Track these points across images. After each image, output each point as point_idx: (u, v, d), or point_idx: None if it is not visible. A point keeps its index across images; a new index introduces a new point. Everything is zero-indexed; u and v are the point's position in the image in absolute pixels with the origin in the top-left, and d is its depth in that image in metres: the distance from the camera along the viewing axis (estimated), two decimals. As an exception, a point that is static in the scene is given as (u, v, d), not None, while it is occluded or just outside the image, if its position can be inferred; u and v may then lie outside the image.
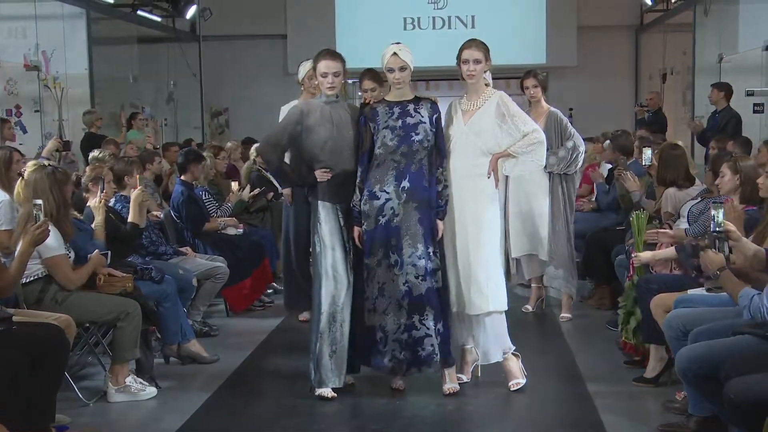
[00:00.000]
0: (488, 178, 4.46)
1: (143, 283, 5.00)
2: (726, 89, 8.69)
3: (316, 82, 4.61)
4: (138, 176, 5.72)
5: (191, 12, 13.20)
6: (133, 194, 5.43)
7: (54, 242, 4.37)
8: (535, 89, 6.10)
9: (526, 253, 6.19)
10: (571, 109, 12.54)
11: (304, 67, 5.85)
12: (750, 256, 3.80)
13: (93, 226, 5.15)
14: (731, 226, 3.81)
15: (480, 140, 4.52)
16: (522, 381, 4.65)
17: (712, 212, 3.78)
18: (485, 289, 4.50)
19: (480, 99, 4.61)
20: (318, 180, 4.51)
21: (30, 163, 4.98)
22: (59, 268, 4.51)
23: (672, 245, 4.91)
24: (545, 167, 5.68)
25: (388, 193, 4.39)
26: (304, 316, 6.07)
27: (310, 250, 4.69)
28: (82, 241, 4.88)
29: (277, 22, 14.06)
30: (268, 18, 14.00)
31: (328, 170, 4.47)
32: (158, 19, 13.02)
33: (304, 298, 5.35)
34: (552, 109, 6.14)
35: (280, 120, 5.06)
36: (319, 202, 4.51)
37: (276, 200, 7.84)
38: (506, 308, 4.65)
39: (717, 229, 3.77)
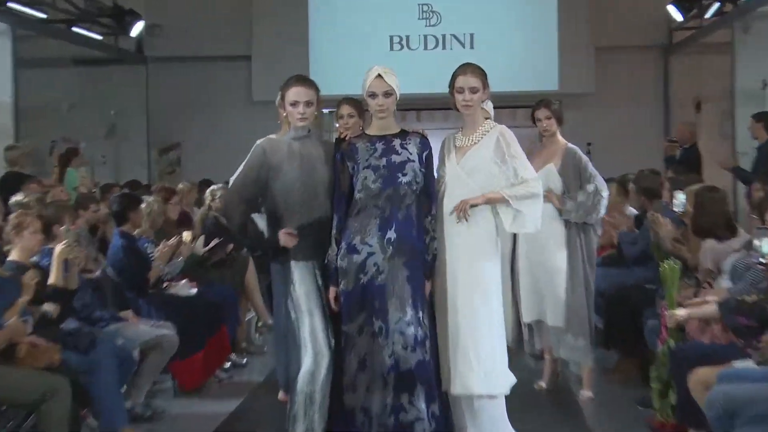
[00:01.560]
0: (450, 215, 4.42)
1: (67, 354, 4.86)
2: (766, 120, 8.69)
3: (285, 113, 4.58)
4: (64, 227, 5.59)
5: (137, 29, 13.05)
6: (56, 250, 5.31)
7: None
8: (548, 121, 6.00)
9: (539, 318, 6.10)
10: (589, 145, 12.19)
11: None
12: None
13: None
14: None
15: (474, 181, 4.49)
16: None
17: (755, 242, 3.73)
18: (476, 366, 4.42)
19: (477, 133, 4.57)
20: (282, 244, 4.44)
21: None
22: None
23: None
24: (561, 214, 5.61)
25: (370, 245, 4.34)
26: (282, 395, 5.83)
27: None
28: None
29: (241, 41, 13.88)
30: (230, 36, 13.84)
31: (294, 231, 4.41)
32: (98, 37, 12.93)
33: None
34: (569, 145, 6.03)
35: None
36: (291, 262, 4.44)
37: (237, 252, 7.66)
38: (505, 392, 4.54)
39: (761, 260, 3.72)
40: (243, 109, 13.46)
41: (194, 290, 6.99)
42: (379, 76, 4.36)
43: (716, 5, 11.42)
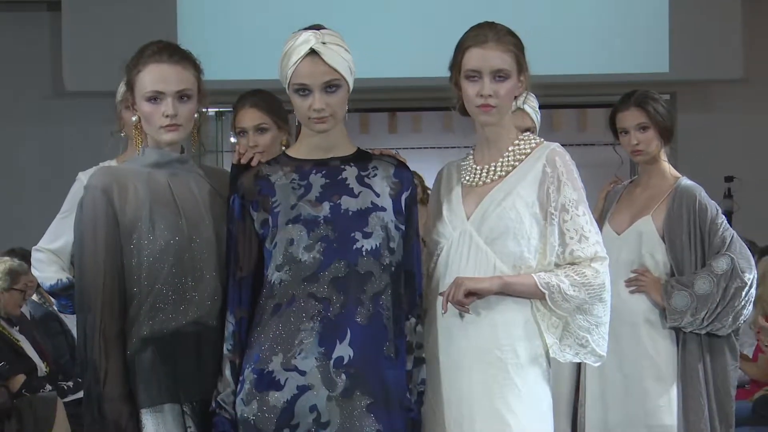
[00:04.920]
0: (444, 314, 3.73)
1: None
2: None
3: (135, 119, 3.73)
4: None
5: None
6: None
7: None
8: (642, 134, 4.87)
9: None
10: (728, 181, 9.73)
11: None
12: None
13: None
14: None
15: (498, 253, 3.71)
16: None
17: None
18: None
19: (504, 159, 3.75)
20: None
21: None
22: None
23: None
24: (668, 320, 4.62)
25: (302, 372, 3.47)
26: None
27: None
28: None
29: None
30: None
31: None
32: None
33: None
34: (684, 182, 4.87)
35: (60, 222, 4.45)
36: (142, 411, 3.61)
37: (33, 392, 6.42)
38: None
39: None
40: (42, 110, 9.96)
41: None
42: (313, 52, 3.57)
43: None
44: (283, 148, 4.19)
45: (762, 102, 10.58)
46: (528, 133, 3.79)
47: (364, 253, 3.43)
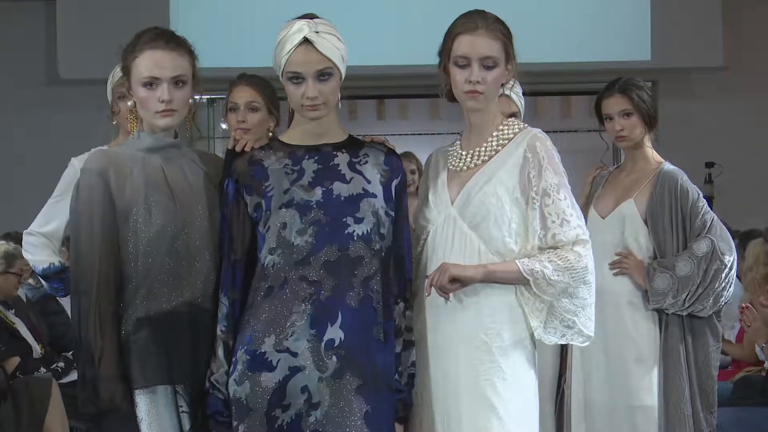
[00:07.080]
0: (428, 295, 3.66)
1: None
2: None
3: (131, 105, 3.66)
4: None
5: None
6: None
7: None
8: (626, 120, 4.83)
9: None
10: (709, 167, 9.86)
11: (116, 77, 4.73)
12: None
13: None
14: None
15: (481, 237, 3.65)
16: None
17: None
18: None
19: (488, 145, 3.69)
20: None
21: None
22: None
23: None
24: (650, 302, 4.54)
25: (294, 354, 3.43)
26: None
27: None
28: None
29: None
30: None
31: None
32: None
33: None
34: (667, 167, 4.81)
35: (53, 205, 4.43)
36: (136, 391, 3.55)
37: (28, 374, 6.31)
38: None
39: None
40: (37, 97, 9.89)
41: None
42: (307, 41, 3.51)
43: None
44: (270, 134, 4.22)
45: (741, 89, 10.62)
46: (513, 118, 3.77)
47: (355, 237, 3.42)
